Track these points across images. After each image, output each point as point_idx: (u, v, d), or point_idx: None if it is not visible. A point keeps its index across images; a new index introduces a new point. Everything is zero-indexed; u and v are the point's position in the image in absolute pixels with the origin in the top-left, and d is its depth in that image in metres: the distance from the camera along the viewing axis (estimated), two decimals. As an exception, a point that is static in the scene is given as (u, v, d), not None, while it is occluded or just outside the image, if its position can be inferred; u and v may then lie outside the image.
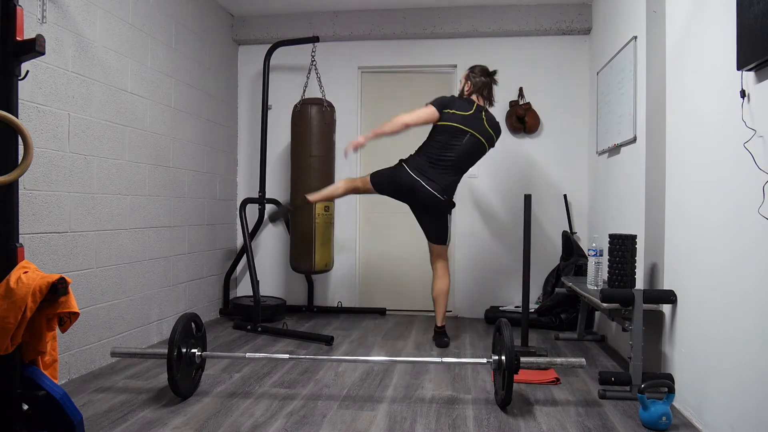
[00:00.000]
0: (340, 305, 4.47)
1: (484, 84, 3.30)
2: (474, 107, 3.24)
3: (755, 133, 1.73)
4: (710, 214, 2.09)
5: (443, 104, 3.22)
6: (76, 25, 2.66)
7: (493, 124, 3.30)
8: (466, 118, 3.20)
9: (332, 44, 4.39)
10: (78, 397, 2.35)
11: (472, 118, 3.21)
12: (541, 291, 4.17)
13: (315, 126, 3.84)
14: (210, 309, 4.13)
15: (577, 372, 2.83)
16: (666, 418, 2.07)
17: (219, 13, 4.24)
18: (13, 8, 1.66)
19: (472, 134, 3.20)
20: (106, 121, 2.89)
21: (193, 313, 2.47)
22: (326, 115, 3.89)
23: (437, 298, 3.42)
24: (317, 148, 3.83)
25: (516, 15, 4.19)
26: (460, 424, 2.16)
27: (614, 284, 2.66)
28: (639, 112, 2.86)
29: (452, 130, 3.19)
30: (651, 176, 2.68)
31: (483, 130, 3.23)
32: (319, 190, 3.51)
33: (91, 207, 2.77)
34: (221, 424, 2.12)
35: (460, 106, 3.23)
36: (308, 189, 3.80)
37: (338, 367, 2.90)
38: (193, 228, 3.84)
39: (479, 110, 3.25)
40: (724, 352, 1.96)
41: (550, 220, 4.18)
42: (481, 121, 3.23)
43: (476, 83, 3.30)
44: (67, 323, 1.73)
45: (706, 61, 2.15)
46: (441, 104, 3.22)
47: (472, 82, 3.31)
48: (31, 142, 1.60)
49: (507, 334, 2.27)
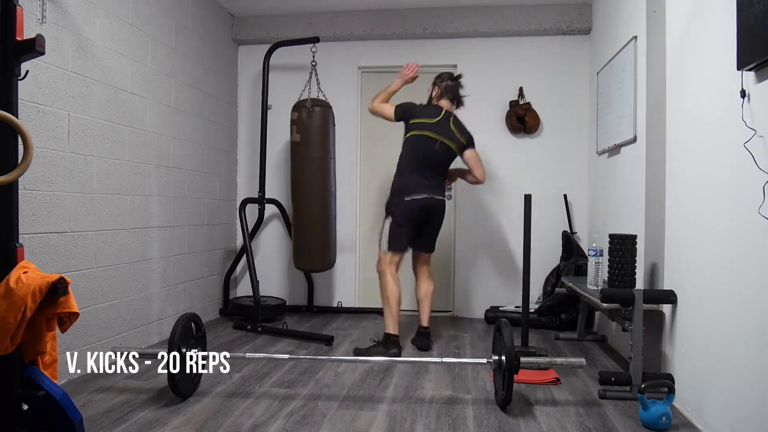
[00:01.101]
0: (340, 305, 4.47)
1: (449, 88, 3.35)
2: (442, 113, 3.26)
3: (755, 133, 1.73)
4: (710, 214, 2.09)
5: (407, 114, 3.27)
6: (76, 25, 2.66)
7: (461, 130, 3.29)
8: (434, 125, 3.22)
9: (332, 44, 4.39)
10: (78, 397, 2.35)
11: (439, 124, 3.22)
12: (541, 291, 4.17)
13: (316, 126, 3.84)
14: (210, 309, 4.13)
15: (577, 372, 2.83)
16: (666, 418, 2.07)
17: (219, 13, 4.24)
18: (13, 8, 1.66)
19: (441, 141, 3.21)
20: (106, 121, 2.88)
21: (193, 313, 2.47)
22: (326, 115, 3.89)
23: (424, 299, 3.40)
24: (317, 149, 3.83)
25: (516, 15, 4.19)
26: (460, 424, 2.16)
27: (614, 284, 2.66)
28: (639, 112, 2.86)
29: (423, 139, 3.21)
30: (651, 176, 2.68)
31: (451, 135, 3.23)
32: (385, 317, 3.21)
33: (90, 207, 2.77)
34: (221, 424, 2.11)
35: (427, 113, 3.26)
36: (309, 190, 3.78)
37: (338, 367, 2.90)
38: (193, 228, 3.84)
39: (447, 116, 3.27)
40: (724, 352, 1.96)
41: (550, 220, 4.18)
42: (448, 127, 3.24)
43: (443, 88, 3.35)
44: (67, 323, 1.73)
45: (706, 61, 2.15)
46: (404, 113, 3.27)
47: (440, 87, 3.36)
48: (30, 142, 1.60)
49: (507, 334, 2.27)
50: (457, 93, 3.38)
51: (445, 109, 3.30)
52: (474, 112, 4.40)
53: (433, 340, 3.42)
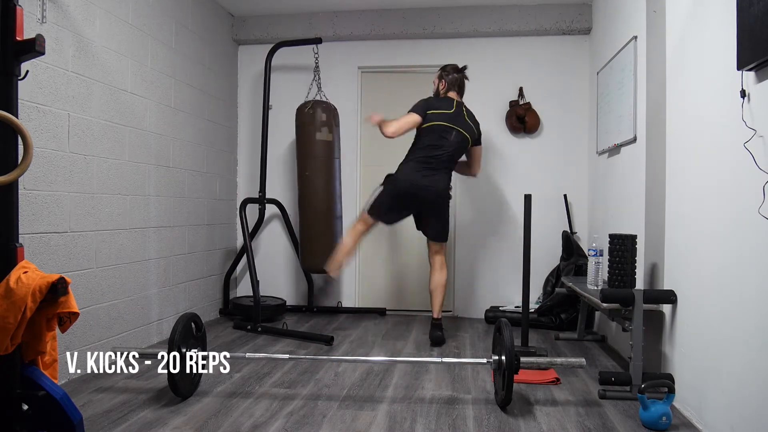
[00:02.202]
0: (340, 305, 4.47)
1: (456, 80, 3.43)
2: (455, 105, 3.36)
3: (755, 133, 1.73)
4: (710, 214, 2.09)
5: (425, 107, 3.31)
6: (76, 25, 2.66)
7: (473, 119, 3.42)
8: (451, 115, 3.31)
9: (332, 44, 4.39)
10: (78, 397, 2.35)
11: (455, 115, 3.32)
12: (541, 291, 4.16)
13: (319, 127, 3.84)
14: (210, 309, 4.13)
15: (577, 372, 2.83)
16: (666, 418, 2.07)
17: (219, 13, 4.24)
18: (13, 8, 1.66)
19: (458, 131, 3.31)
20: (106, 121, 2.88)
21: (193, 313, 2.47)
22: (329, 115, 3.89)
23: (435, 290, 3.44)
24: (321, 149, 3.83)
25: (516, 15, 4.19)
26: (460, 424, 2.16)
27: (614, 284, 2.66)
28: (639, 112, 2.86)
29: (440, 129, 3.28)
30: (651, 176, 2.68)
31: (467, 126, 3.35)
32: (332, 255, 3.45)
33: (90, 207, 2.77)
34: (221, 424, 2.12)
35: (442, 105, 3.34)
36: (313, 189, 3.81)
37: (338, 367, 2.90)
38: (193, 228, 3.84)
39: (460, 107, 3.38)
40: (724, 352, 1.96)
41: (550, 220, 4.18)
42: (463, 117, 3.35)
43: (450, 80, 3.43)
44: (67, 323, 1.73)
45: (706, 61, 2.15)
46: (423, 108, 3.31)
47: (446, 80, 3.44)
48: (30, 142, 1.60)
49: (507, 334, 2.27)
50: (463, 84, 3.48)
51: (456, 100, 3.40)
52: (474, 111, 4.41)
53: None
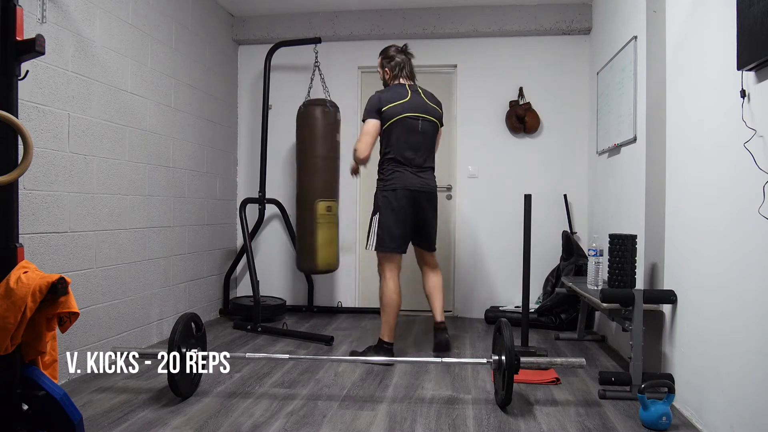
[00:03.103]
0: (340, 305, 4.47)
1: (401, 63, 3.08)
2: (409, 91, 3.01)
3: (755, 133, 1.73)
4: (710, 214, 2.09)
5: (377, 106, 2.97)
6: (76, 25, 2.66)
7: (433, 99, 3.10)
8: (408, 104, 2.97)
9: (332, 44, 4.39)
10: (78, 397, 2.35)
11: (413, 102, 2.99)
12: (541, 291, 4.17)
13: (320, 127, 3.84)
14: (210, 309, 4.13)
15: (577, 372, 2.83)
16: (666, 418, 2.07)
17: (219, 13, 4.24)
18: (13, 8, 1.66)
19: (423, 118, 2.99)
20: (106, 121, 2.88)
21: (193, 313, 2.47)
22: (330, 115, 3.89)
23: (434, 292, 3.18)
24: (322, 149, 3.83)
25: (516, 15, 4.19)
26: (460, 424, 2.16)
27: (614, 284, 2.66)
28: (639, 112, 2.86)
29: (404, 123, 2.95)
30: (651, 176, 2.68)
31: (429, 109, 3.03)
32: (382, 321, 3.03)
33: (90, 207, 2.77)
34: (221, 424, 2.11)
35: (394, 96, 2.99)
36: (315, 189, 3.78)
37: (338, 367, 2.90)
38: (193, 228, 3.84)
39: (415, 91, 3.04)
40: (724, 352, 1.96)
41: (550, 220, 4.18)
42: (423, 101, 3.03)
43: (393, 66, 3.07)
44: (67, 323, 1.73)
45: (706, 61, 2.15)
46: (375, 108, 2.97)
47: (389, 67, 3.09)
48: (30, 142, 1.60)
49: (507, 334, 2.27)
50: (411, 66, 3.11)
51: (408, 84, 3.06)
52: (474, 111, 4.41)
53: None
